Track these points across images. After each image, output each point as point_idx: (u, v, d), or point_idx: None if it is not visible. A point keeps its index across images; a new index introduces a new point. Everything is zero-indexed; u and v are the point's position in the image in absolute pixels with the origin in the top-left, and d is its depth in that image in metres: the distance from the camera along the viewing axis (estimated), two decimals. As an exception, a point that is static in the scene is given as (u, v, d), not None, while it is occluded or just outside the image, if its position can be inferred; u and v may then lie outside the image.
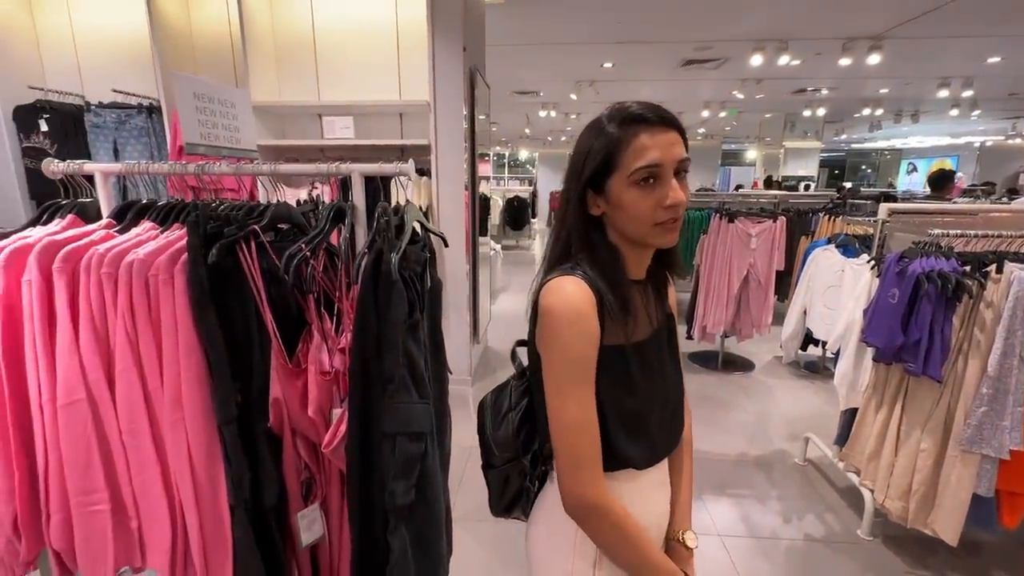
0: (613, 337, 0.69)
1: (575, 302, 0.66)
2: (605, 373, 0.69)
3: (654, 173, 0.65)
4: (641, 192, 0.66)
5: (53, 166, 0.97)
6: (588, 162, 0.69)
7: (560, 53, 5.55)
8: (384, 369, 0.82)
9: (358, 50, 3.24)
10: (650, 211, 0.66)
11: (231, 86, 0.97)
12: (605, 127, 0.68)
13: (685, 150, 0.67)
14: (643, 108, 0.66)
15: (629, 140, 0.65)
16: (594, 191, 0.71)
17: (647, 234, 0.69)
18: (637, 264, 0.75)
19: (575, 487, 0.68)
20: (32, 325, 0.81)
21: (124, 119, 3.22)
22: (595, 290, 0.68)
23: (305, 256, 0.84)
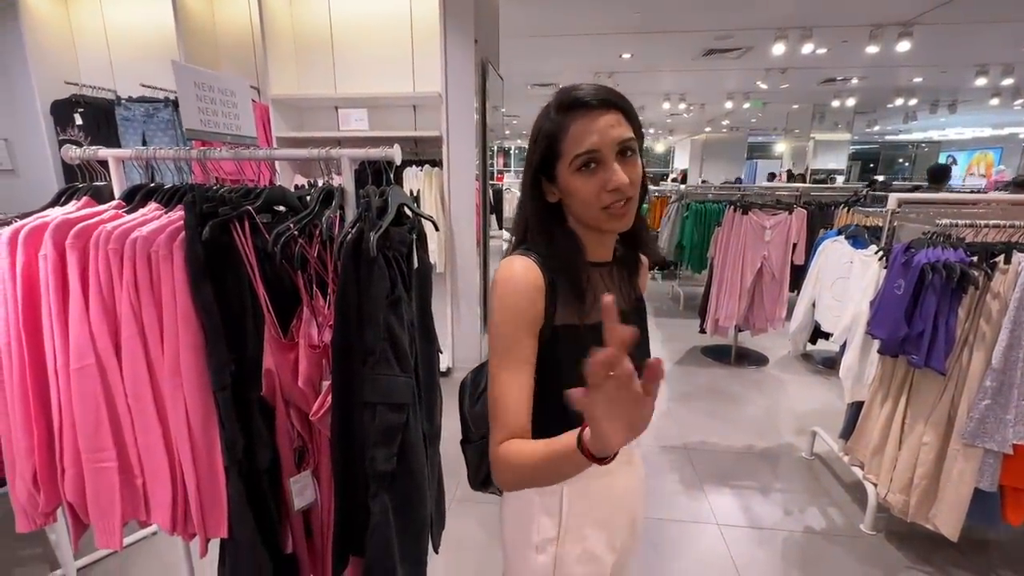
0: (567, 317, 0.70)
1: (515, 279, 0.68)
2: (560, 351, 0.69)
3: (593, 158, 0.66)
4: (584, 178, 0.67)
5: (71, 152, 1.05)
6: (536, 149, 0.70)
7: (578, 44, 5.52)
8: (365, 342, 0.87)
9: (373, 43, 3.30)
10: (595, 196, 0.67)
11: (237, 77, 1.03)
12: (550, 113, 0.69)
13: (630, 130, 0.67)
14: (583, 91, 0.66)
15: (567, 126, 0.66)
16: (547, 178, 0.72)
17: (597, 219, 0.69)
18: (598, 247, 0.75)
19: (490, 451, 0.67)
20: (48, 296, 0.89)
21: (152, 112, 3.36)
22: (545, 272, 0.69)
23: (293, 234, 0.90)
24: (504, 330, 0.67)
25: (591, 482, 0.77)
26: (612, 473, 0.80)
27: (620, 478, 0.82)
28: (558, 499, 0.76)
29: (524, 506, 0.80)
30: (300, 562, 1.10)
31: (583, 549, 0.77)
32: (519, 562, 0.80)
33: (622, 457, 0.82)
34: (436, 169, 3.19)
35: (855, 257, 2.15)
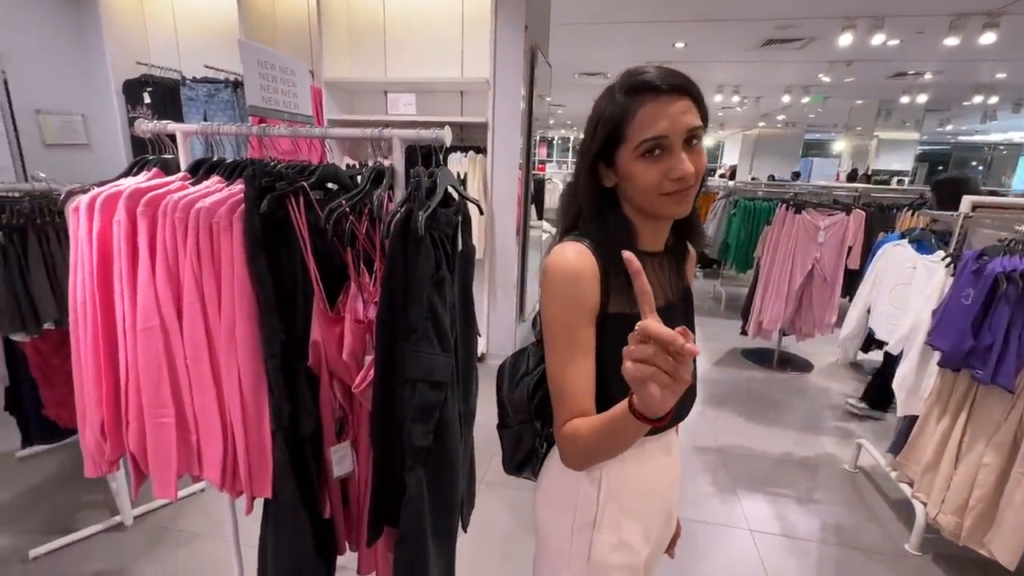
0: (619, 305, 0.69)
1: (570, 267, 0.67)
2: (611, 339, 0.69)
3: (660, 144, 0.64)
4: (647, 164, 0.65)
5: (144, 126, 1.11)
6: (597, 133, 0.68)
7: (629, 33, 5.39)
8: (409, 319, 0.89)
9: (424, 29, 3.32)
10: (656, 182, 0.65)
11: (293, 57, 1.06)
12: (614, 95, 0.67)
13: (699, 117, 0.65)
14: (653, 75, 0.64)
15: (635, 110, 0.64)
16: (605, 163, 0.70)
17: (655, 204, 0.68)
18: (652, 236, 0.74)
19: (555, 433, 0.70)
20: (119, 260, 0.95)
21: (213, 93, 3.51)
22: (599, 258, 0.68)
23: (344, 211, 0.92)
24: (562, 318, 0.67)
25: (629, 472, 0.76)
26: (650, 464, 0.79)
27: (658, 469, 0.81)
28: (595, 487, 0.76)
29: (560, 492, 0.80)
30: (336, 528, 1.15)
31: (619, 538, 0.76)
32: (553, 546, 0.80)
33: (661, 447, 0.81)
34: (480, 156, 3.20)
35: (919, 262, 2.02)
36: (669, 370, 0.46)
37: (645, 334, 0.46)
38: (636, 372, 0.47)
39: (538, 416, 0.86)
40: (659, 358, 0.46)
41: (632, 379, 0.48)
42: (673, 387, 0.48)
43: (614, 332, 0.69)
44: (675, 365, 0.46)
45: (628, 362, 0.47)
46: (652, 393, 0.48)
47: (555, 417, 0.71)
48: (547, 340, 0.70)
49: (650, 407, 0.50)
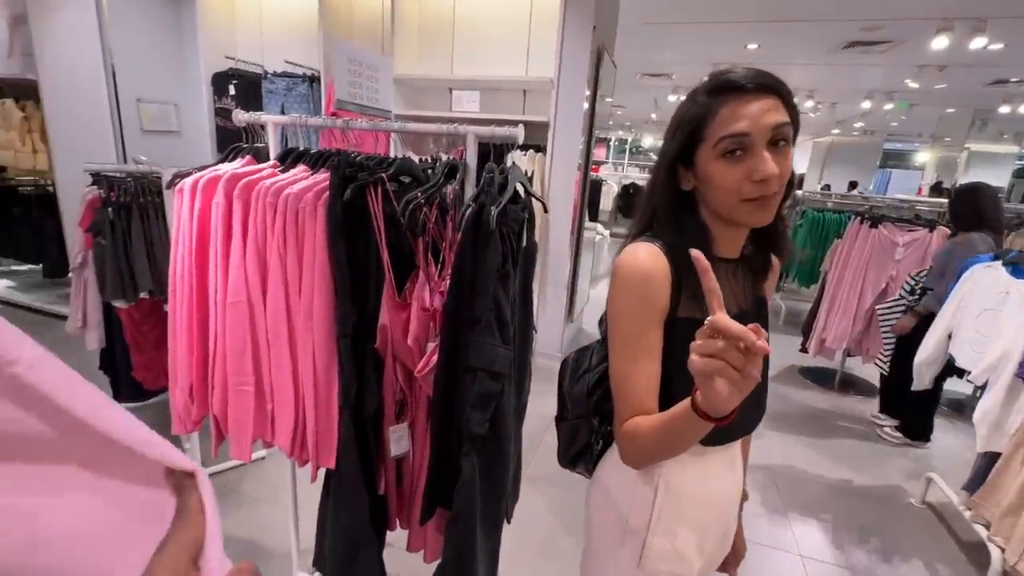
0: (688, 310, 0.68)
1: (642, 267, 0.67)
2: (678, 344, 0.69)
3: (741, 144, 0.62)
4: (727, 165, 0.64)
5: (241, 116, 1.21)
6: (677, 134, 0.68)
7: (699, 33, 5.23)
8: (475, 310, 0.92)
9: (492, 27, 3.37)
10: (736, 185, 0.64)
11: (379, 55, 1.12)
12: (697, 97, 0.66)
13: (787, 117, 0.63)
14: (738, 73, 0.63)
15: (717, 109, 0.63)
16: (684, 165, 0.69)
17: (734, 210, 0.66)
18: (728, 242, 0.73)
19: (615, 433, 0.71)
20: (215, 238, 1.03)
21: (291, 87, 3.72)
22: (672, 261, 0.68)
23: (419, 203, 0.96)
24: (630, 318, 0.68)
25: (688, 480, 0.76)
26: (711, 475, 0.78)
27: (718, 482, 0.79)
28: (652, 491, 0.76)
29: (615, 492, 0.80)
30: (389, 505, 1.20)
31: (672, 547, 0.76)
32: (603, 546, 0.81)
33: (724, 460, 0.80)
34: (539, 155, 3.22)
35: (1013, 287, 1.86)
36: (738, 366, 0.46)
37: (715, 328, 0.46)
38: (704, 366, 0.47)
39: (596, 413, 0.87)
40: (728, 353, 0.46)
41: (699, 373, 0.48)
42: (740, 385, 0.48)
43: (682, 337, 0.68)
44: (744, 361, 0.46)
45: (695, 356, 0.48)
46: (718, 390, 0.48)
47: (616, 414, 0.72)
48: (612, 338, 0.71)
49: (715, 404, 0.50)
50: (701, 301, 0.67)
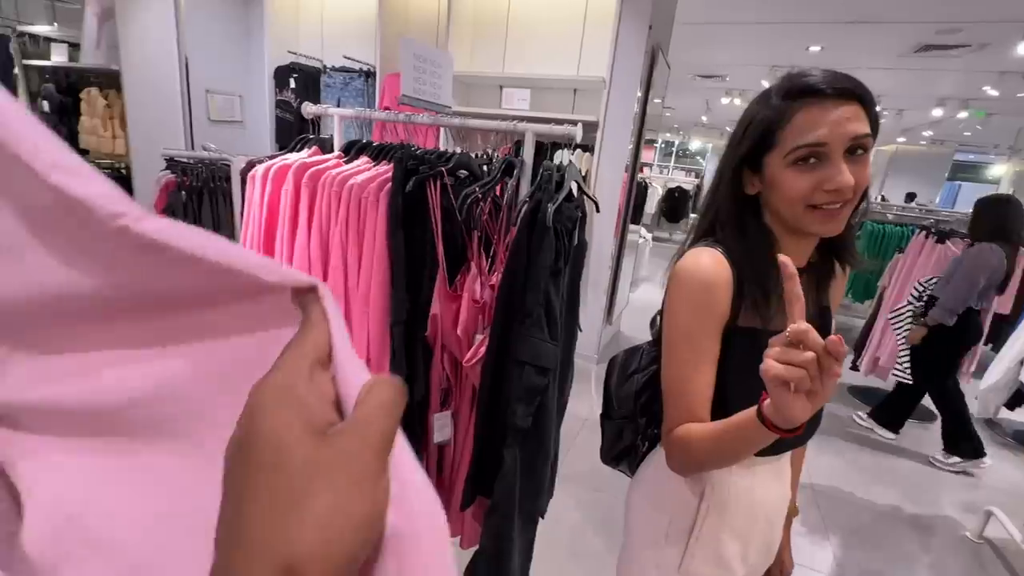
0: (749, 319, 0.67)
1: (703, 273, 0.66)
2: (736, 353, 0.68)
3: (816, 153, 0.60)
4: (799, 173, 0.61)
5: (309, 108, 1.27)
6: (746, 136, 0.66)
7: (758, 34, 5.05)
8: (526, 304, 0.94)
9: (545, 25, 3.38)
10: (806, 193, 0.61)
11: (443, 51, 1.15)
12: (771, 98, 0.64)
13: (867, 125, 0.60)
14: (817, 77, 0.60)
15: (792, 115, 0.61)
16: (750, 169, 0.68)
17: (800, 218, 0.64)
18: (794, 251, 0.70)
19: (663, 438, 0.71)
20: (283, 223, 1.09)
21: (347, 81, 3.85)
22: (734, 267, 0.66)
23: (477, 198, 0.99)
24: (688, 324, 0.67)
25: (735, 488, 0.75)
26: (758, 485, 0.77)
27: (766, 492, 0.78)
28: (697, 497, 0.75)
29: (658, 494, 0.80)
30: (429, 490, 1.24)
31: (716, 553, 0.75)
32: (644, 547, 0.81)
33: (772, 471, 0.78)
34: (587, 154, 3.20)
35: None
36: (816, 378, 0.46)
37: (799, 337, 0.46)
38: (786, 374, 0.47)
39: (642, 414, 0.87)
40: (810, 364, 0.45)
41: (776, 380, 0.48)
42: (815, 398, 0.47)
43: (741, 347, 0.68)
44: (824, 375, 0.45)
45: (773, 362, 0.47)
46: (793, 401, 0.47)
47: (665, 419, 0.72)
48: (667, 343, 0.70)
49: (786, 415, 0.49)
50: (763, 311, 0.66)
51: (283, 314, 0.25)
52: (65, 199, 0.22)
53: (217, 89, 3.97)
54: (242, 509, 0.17)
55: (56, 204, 0.22)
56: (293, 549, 0.16)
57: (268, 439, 0.18)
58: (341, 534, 0.17)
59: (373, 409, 0.20)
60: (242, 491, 0.18)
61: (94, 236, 0.23)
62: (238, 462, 0.18)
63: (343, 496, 0.18)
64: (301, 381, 0.19)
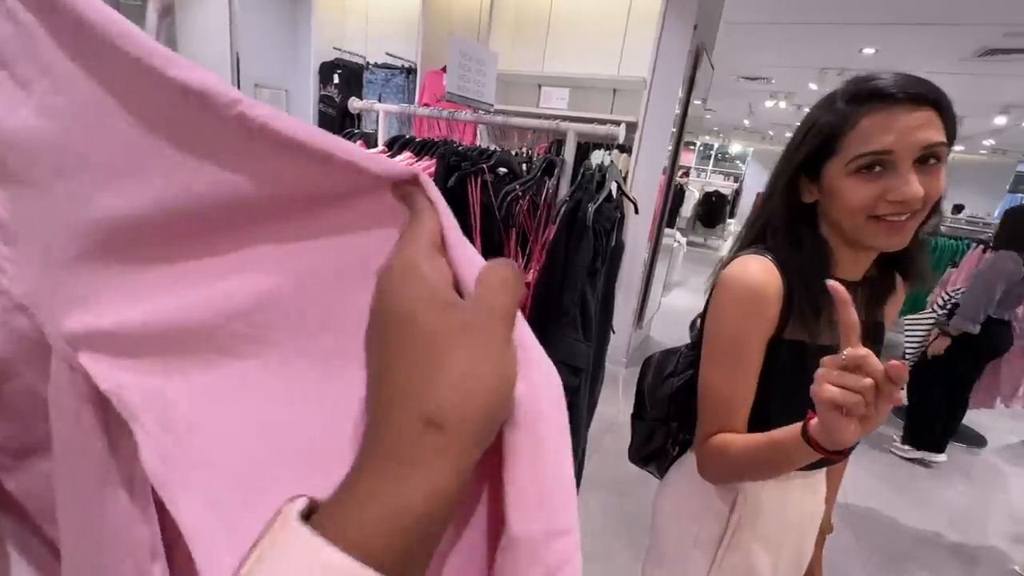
0: (796, 332, 0.65)
1: (752, 281, 0.64)
2: (780, 365, 0.66)
3: (881, 161, 0.57)
4: (860, 182, 0.58)
5: (356, 103, 1.30)
6: (805, 142, 0.63)
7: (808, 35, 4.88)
8: (563, 303, 0.94)
9: (587, 23, 3.35)
10: (868, 202, 0.58)
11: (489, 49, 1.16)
12: (836, 102, 0.61)
13: (941, 133, 0.56)
14: (887, 81, 0.57)
15: (857, 120, 0.57)
16: (808, 176, 0.65)
17: (859, 229, 0.60)
18: (850, 263, 0.67)
19: (696, 446, 0.70)
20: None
21: (389, 78, 3.92)
22: (785, 277, 0.64)
23: (517, 195, 0.99)
24: (732, 332, 0.66)
25: (768, 499, 0.74)
26: (792, 499, 0.75)
27: (799, 505, 0.76)
28: (728, 506, 0.74)
29: (688, 500, 0.79)
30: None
31: (745, 563, 0.74)
32: (671, 552, 0.81)
33: (807, 485, 0.76)
34: (624, 155, 3.17)
35: None
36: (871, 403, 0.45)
37: (856, 363, 0.45)
38: (841, 399, 0.45)
39: (675, 418, 0.86)
40: (870, 391, 0.44)
41: (830, 404, 0.47)
42: (868, 424, 0.46)
43: (786, 359, 0.66)
44: (881, 401, 0.44)
45: (828, 386, 0.46)
46: (845, 425, 0.46)
47: (700, 426, 0.71)
48: (709, 350, 0.69)
49: (835, 438, 0.48)
50: (811, 325, 0.64)
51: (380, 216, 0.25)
52: (185, 92, 0.23)
53: (265, 83, 4.11)
54: (384, 377, 0.19)
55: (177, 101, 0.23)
56: (433, 404, 0.18)
57: (400, 313, 0.20)
58: (475, 392, 0.18)
59: (496, 284, 0.21)
60: (382, 362, 0.20)
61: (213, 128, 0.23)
62: (375, 340, 0.20)
63: (475, 360, 0.19)
64: (423, 260, 0.21)
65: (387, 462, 0.18)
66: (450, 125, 1.29)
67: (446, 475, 0.18)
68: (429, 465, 0.18)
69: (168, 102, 0.23)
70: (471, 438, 0.18)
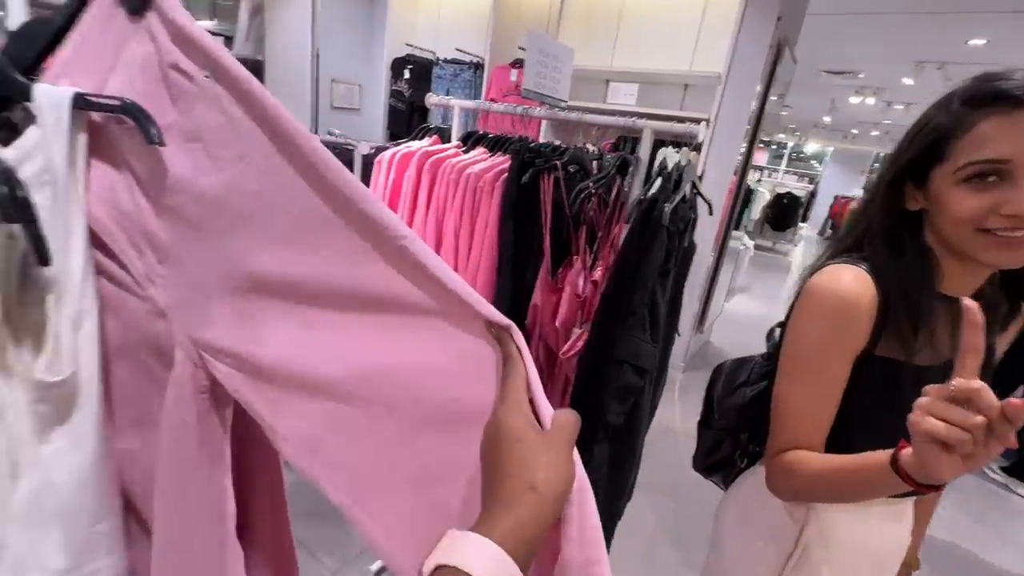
0: (890, 349, 0.61)
1: (843, 292, 0.60)
2: (869, 383, 0.62)
3: (997, 170, 0.52)
4: (970, 192, 0.53)
5: (432, 99, 1.34)
6: (913, 144, 0.59)
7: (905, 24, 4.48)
8: (633, 302, 0.93)
9: (660, 17, 3.26)
10: (977, 214, 0.53)
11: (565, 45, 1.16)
12: (952, 102, 0.56)
13: None
14: (1015, 83, 0.51)
15: (972, 124, 0.53)
16: (914, 181, 0.60)
17: (968, 242, 0.55)
18: (958, 278, 0.61)
19: (766, 459, 0.67)
20: (403, 206, 1.18)
21: (457, 73, 4.00)
22: (881, 289, 0.60)
23: (590, 192, 0.99)
24: (816, 344, 0.63)
25: (845, 523, 0.70)
26: (873, 524, 0.71)
27: (880, 532, 0.72)
28: (798, 525, 0.71)
29: (754, 515, 0.77)
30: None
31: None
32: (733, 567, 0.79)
33: (891, 511, 0.71)
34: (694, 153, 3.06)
35: None
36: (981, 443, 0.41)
37: (967, 396, 0.41)
38: (945, 434, 0.42)
39: (746, 429, 0.83)
40: (981, 430, 0.40)
41: (928, 437, 0.43)
42: (973, 462, 0.42)
43: (877, 378, 0.62)
44: (991, 440, 0.40)
45: (930, 418, 0.43)
46: (944, 460, 0.43)
47: (772, 439, 0.68)
48: (788, 361, 0.66)
49: (931, 472, 0.45)
50: (907, 343, 0.59)
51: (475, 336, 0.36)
52: (368, 219, 0.33)
53: (341, 78, 4.31)
54: (503, 463, 0.32)
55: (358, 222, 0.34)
56: (534, 479, 0.31)
57: (512, 431, 0.33)
58: (557, 477, 0.32)
59: (567, 422, 0.35)
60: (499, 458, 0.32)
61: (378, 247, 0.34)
62: (492, 447, 0.33)
63: (554, 461, 0.32)
64: (523, 400, 0.34)
65: (509, 508, 0.30)
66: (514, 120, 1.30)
67: (539, 519, 0.30)
68: (531, 512, 0.30)
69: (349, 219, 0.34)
70: (552, 501, 0.31)
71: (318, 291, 0.36)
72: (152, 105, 0.35)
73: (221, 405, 0.39)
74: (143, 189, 0.37)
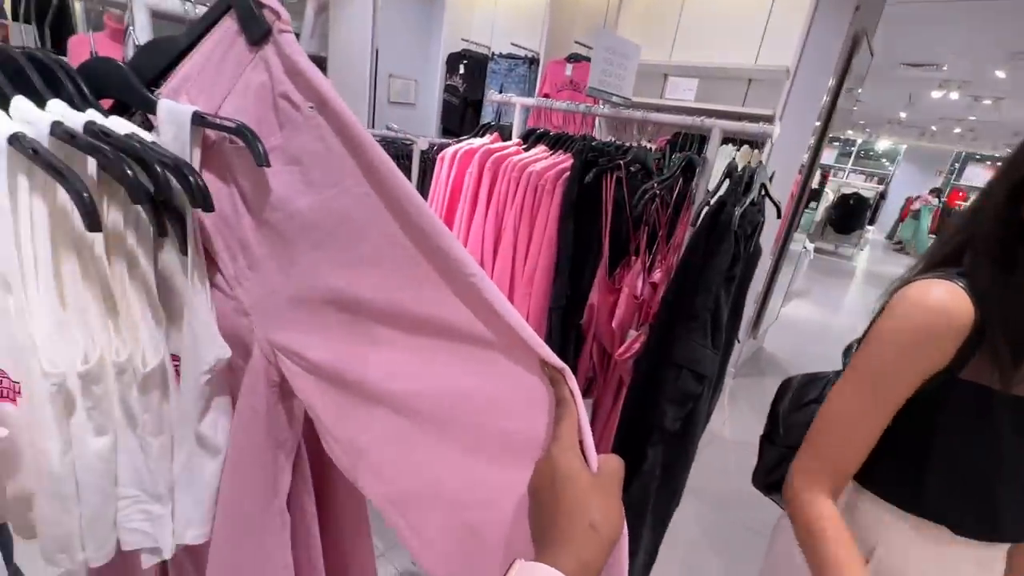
0: (980, 374, 0.56)
1: (933, 309, 0.55)
2: (953, 410, 0.58)
3: None
4: None
5: (494, 96, 1.36)
6: None
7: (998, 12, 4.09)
8: (694, 306, 0.91)
9: (724, 9, 3.13)
10: None
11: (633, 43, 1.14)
12: None
13: None
14: None
15: None
16: None
17: None
18: None
19: (790, 473, 0.64)
20: (463, 202, 1.20)
21: (511, 68, 4.00)
22: (980, 308, 0.55)
23: (654, 193, 0.98)
24: (886, 360, 0.59)
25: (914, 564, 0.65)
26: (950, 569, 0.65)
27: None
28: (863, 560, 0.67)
29: None
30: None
31: None
32: None
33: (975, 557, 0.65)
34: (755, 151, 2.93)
35: None
36: None
37: None
38: None
39: None
40: None
41: None
42: None
43: (963, 404, 0.57)
44: None
45: None
46: None
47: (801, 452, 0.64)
48: (855, 372, 0.62)
49: None
50: (1004, 369, 0.54)
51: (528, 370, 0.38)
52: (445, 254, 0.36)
53: (398, 74, 4.40)
54: (558, 504, 0.33)
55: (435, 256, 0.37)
56: (592, 518, 0.32)
57: (567, 471, 0.34)
58: (611, 520, 0.33)
59: (616, 468, 0.36)
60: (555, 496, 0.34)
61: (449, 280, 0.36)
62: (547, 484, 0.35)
63: (607, 504, 0.34)
64: (575, 443, 0.36)
65: (572, 544, 0.32)
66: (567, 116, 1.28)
67: (598, 559, 0.32)
68: (592, 551, 0.31)
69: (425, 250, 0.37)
70: (608, 539, 0.32)
71: (388, 312, 0.39)
72: (262, 129, 0.39)
73: (288, 398, 0.44)
74: (245, 203, 0.42)
